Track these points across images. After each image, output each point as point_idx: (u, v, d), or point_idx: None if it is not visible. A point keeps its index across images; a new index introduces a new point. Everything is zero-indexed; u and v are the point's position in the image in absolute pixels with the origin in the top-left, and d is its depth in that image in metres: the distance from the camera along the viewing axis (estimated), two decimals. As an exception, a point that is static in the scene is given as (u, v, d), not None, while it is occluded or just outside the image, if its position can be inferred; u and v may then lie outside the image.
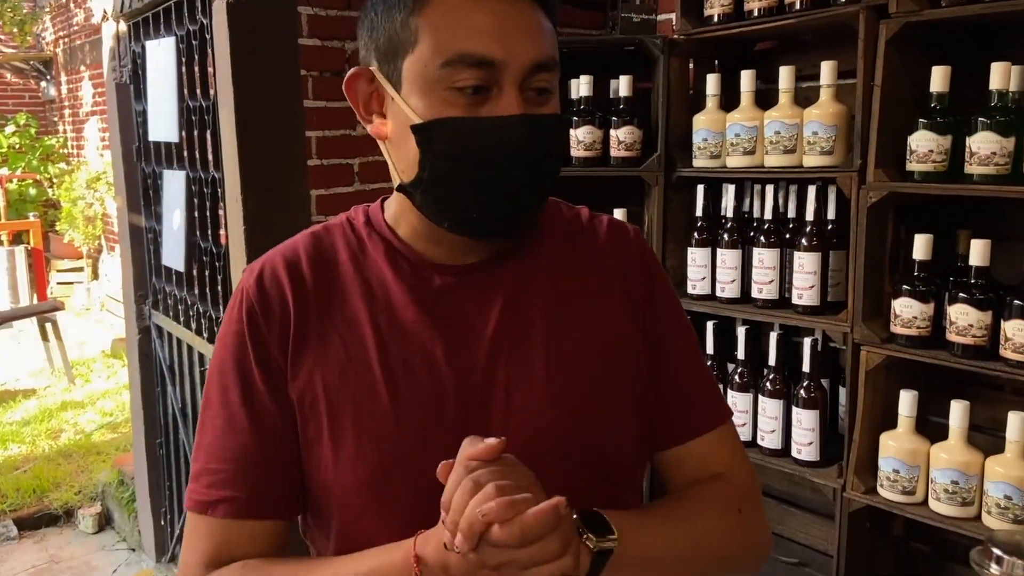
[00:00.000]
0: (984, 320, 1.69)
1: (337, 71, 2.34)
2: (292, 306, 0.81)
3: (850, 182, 1.88)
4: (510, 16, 0.74)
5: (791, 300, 2.06)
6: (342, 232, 0.86)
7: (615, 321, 0.87)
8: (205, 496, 0.80)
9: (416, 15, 0.75)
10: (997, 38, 1.81)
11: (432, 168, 0.76)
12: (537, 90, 0.77)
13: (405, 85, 0.77)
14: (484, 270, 0.85)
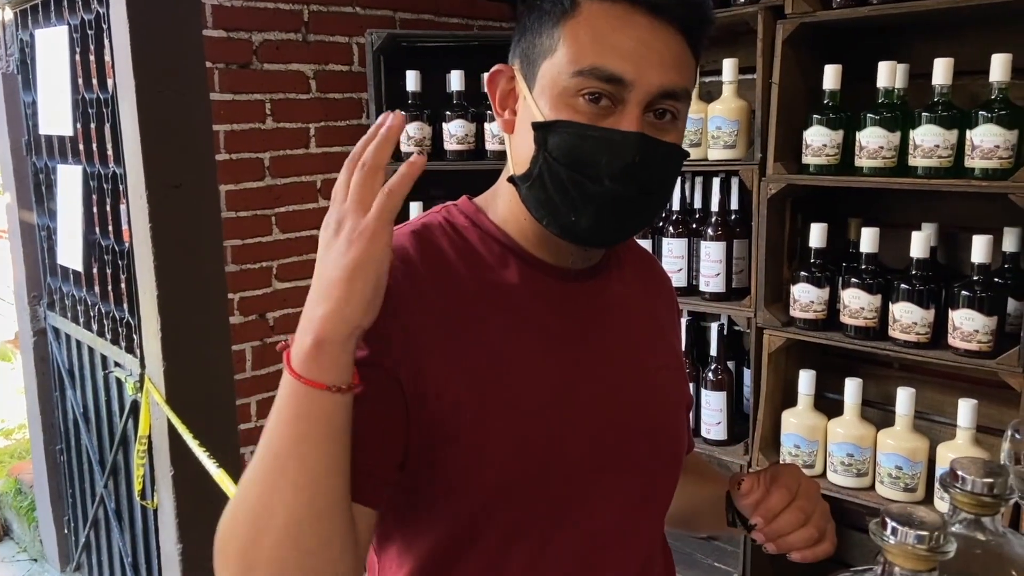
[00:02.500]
0: (874, 303, 1.82)
1: (244, 63, 2.28)
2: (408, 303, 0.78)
3: (751, 175, 1.98)
4: (648, 41, 0.77)
5: (699, 287, 2.15)
6: (445, 231, 0.85)
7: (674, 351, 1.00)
8: None
9: (562, 25, 0.78)
10: (885, 38, 1.94)
11: (543, 165, 0.79)
12: (660, 112, 0.79)
13: (538, 86, 0.80)
14: (594, 277, 0.89)
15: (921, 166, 1.72)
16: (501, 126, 0.85)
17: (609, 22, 0.76)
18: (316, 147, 2.46)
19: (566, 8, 0.77)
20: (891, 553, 0.57)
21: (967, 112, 1.67)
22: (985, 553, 0.66)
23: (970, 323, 1.67)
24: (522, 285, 0.84)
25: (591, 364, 0.85)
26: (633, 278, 0.95)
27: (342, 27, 2.45)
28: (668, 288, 1.04)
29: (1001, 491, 0.65)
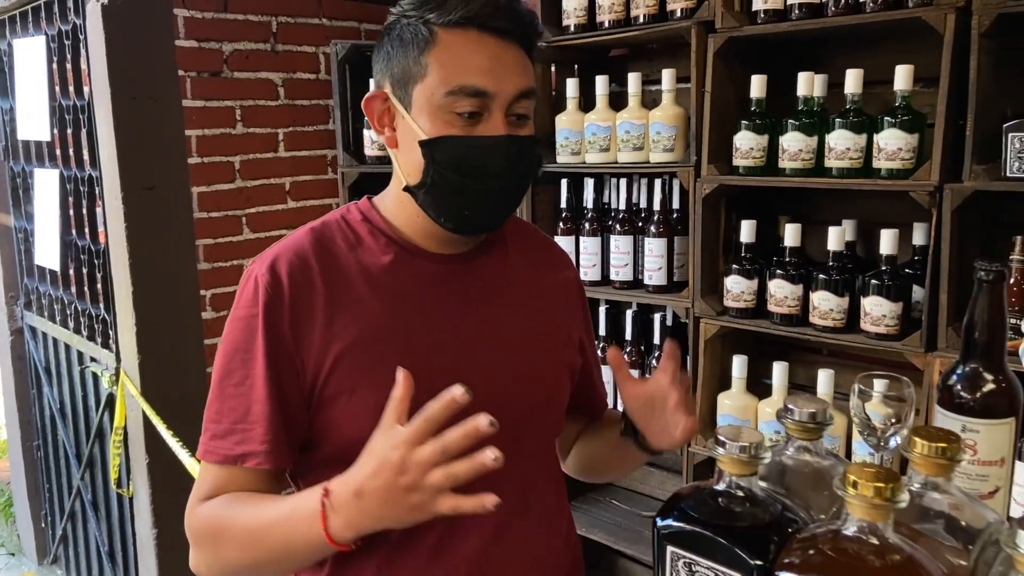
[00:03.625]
0: (797, 292, 1.98)
1: (215, 71, 2.41)
2: (302, 292, 0.95)
3: (688, 176, 2.14)
4: (499, 57, 0.93)
5: (644, 281, 2.31)
6: (339, 228, 1.02)
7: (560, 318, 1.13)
8: (236, 450, 0.94)
9: (427, 53, 0.92)
10: (806, 51, 2.11)
11: (434, 175, 0.94)
12: (518, 115, 0.95)
13: (415, 107, 0.94)
14: (467, 261, 1.04)
15: (835, 167, 1.89)
16: (384, 142, 1.00)
17: (466, 46, 0.91)
18: (285, 151, 2.60)
19: (427, 39, 0.92)
20: (722, 462, 0.73)
21: (875, 118, 1.85)
22: (813, 472, 0.82)
23: (879, 309, 1.84)
24: (402, 270, 0.99)
25: (466, 330, 1.00)
26: (517, 258, 1.10)
27: (309, 38, 2.59)
28: (564, 270, 1.18)
29: (822, 419, 0.80)
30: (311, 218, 2.71)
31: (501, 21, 0.93)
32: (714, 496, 0.76)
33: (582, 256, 2.42)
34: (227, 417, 0.96)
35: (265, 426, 0.94)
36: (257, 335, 0.94)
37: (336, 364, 0.94)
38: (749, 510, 0.74)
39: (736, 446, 0.72)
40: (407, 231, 1.01)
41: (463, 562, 0.99)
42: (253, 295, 0.96)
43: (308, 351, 0.94)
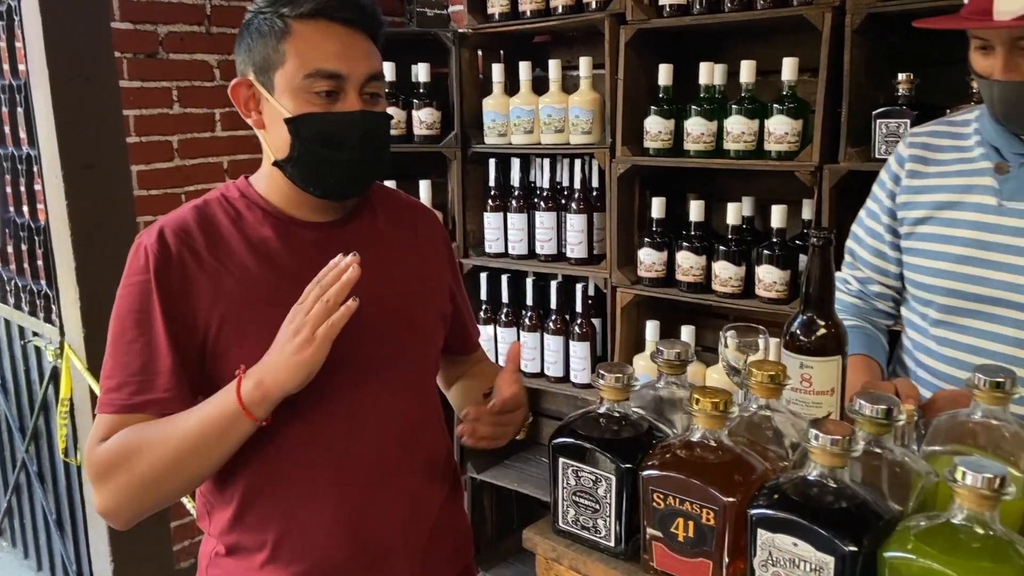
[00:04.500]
0: (701, 263, 2.20)
1: (151, 53, 2.48)
2: (188, 258, 1.08)
3: (604, 156, 2.33)
4: (349, 43, 1.07)
5: (567, 254, 2.50)
6: (219, 204, 1.14)
7: (430, 270, 1.27)
8: (134, 400, 1.05)
9: (284, 42, 1.05)
10: (709, 42, 2.32)
11: (300, 148, 1.07)
12: (370, 95, 1.09)
13: (277, 91, 1.07)
14: (339, 226, 1.17)
15: (733, 149, 2.10)
16: (252, 124, 1.14)
17: (318, 35, 1.05)
18: (222, 131, 2.69)
19: (283, 30, 1.05)
20: (602, 391, 0.91)
21: (766, 105, 2.06)
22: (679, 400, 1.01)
23: (770, 276, 2.07)
24: (280, 239, 1.12)
25: None
26: (386, 220, 1.23)
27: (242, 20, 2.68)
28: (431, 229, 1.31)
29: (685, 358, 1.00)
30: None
31: (347, 12, 1.07)
32: (596, 418, 0.94)
33: (510, 231, 2.59)
34: (122, 371, 1.06)
35: (168, 376, 1.05)
36: (151, 296, 1.05)
37: (223, 322, 1.07)
38: (624, 427, 0.92)
39: (612, 377, 0.91)
40: (281, 204, 1.14)
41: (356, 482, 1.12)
42: (144, 262, 1.07)
43: (198, 309, 1.07)
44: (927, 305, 1.30)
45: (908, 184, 1.31)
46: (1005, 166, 1.19)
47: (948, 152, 1.28)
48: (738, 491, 0.81)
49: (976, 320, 1.22)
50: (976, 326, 1.23)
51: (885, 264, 1.38)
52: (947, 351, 1.27)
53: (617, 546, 0.92)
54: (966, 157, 1.25)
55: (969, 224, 1.22)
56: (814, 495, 0.76)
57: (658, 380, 1.04)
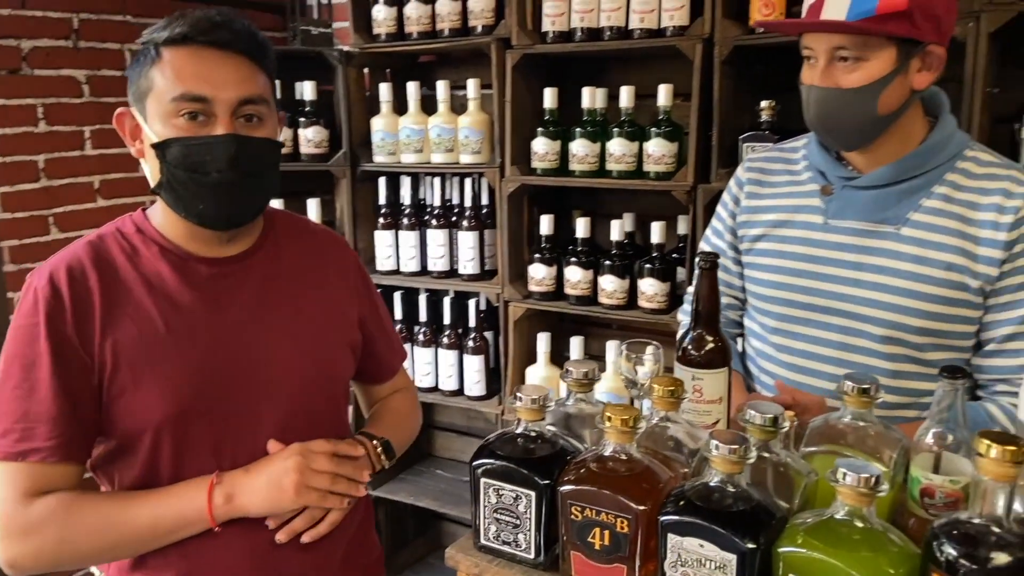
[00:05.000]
0: (588, 277, 2.31)
1: (13, 69, 2.34)
2: (81, 299, 1.05)
3: (494, 176, 2.40)
4: (219, 68, 1.04)
5: (458, 271, 2.55)
6: (114, 239, 1.11)
7: (336, 301, 1.25)
8: (17, 448, 1.02)
9: (155, 68, 1.04)
10: (592, 67, 2.43)
11: (168, 173, 1.05)
12: (247, 117, 1.07)
13: (149, 117, 1.06)
14: (239, 261, 1.15)
15: (615, 169, 2.22)
16: (135, 153, 1.12)
17: (188, 59, 1.04)
18: (92, 149, 2.56)
19: (153, 57, 1.05)
20: (519, 412, 0.97)
21: (645, 128, 2.20)
22: (587, 416, 1.09)
23: (652, 288, 2.20)
24: (177, 276, 1.11)
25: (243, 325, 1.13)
26: (291, 252, 1.22)
27: (113, 34, 2.56)
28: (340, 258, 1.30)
29: (592, 376, 1.07)
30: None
31: (218, 35, 1.04)
32: (514, 438, 1.00)
33: (401, 249, 2.61)
34: (6, 418, 1.03)
35: (50, 425, 1.02)
36: (39, 341, 1.03)
37: (118, 363, 1.05)
38: (540, 446, 0.98)
39: (528, 398, 0.97)
40: (177, 238, 1.12)
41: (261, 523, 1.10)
42: (33, 305, 1.05)
43: (92, 351, 1.05)
44: (765, 315, 1.43)
45: (747, 205, 1.45)
46: (829, 188, 1.34)
47: (781, 175, 1.43)
48: (648, 499, 0.89)
49: (808, 327, 1.36)
50: (808, 333, 1.37)
51: (729, 278, 1.51)
52: (784, 356, 1.40)
53: (537, 558, 0.97)
54: (796, 180, 1.40)
55: (799, 240, 1.36)
56: (716, 500, 0.85)
57: (567, 398, 1.11)
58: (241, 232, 1.15)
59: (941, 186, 1.26)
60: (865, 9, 1.14)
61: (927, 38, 1.18)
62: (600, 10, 2.20)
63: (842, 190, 1.33)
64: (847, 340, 1.33)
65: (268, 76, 1.11)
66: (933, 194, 1.26)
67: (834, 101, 1.22)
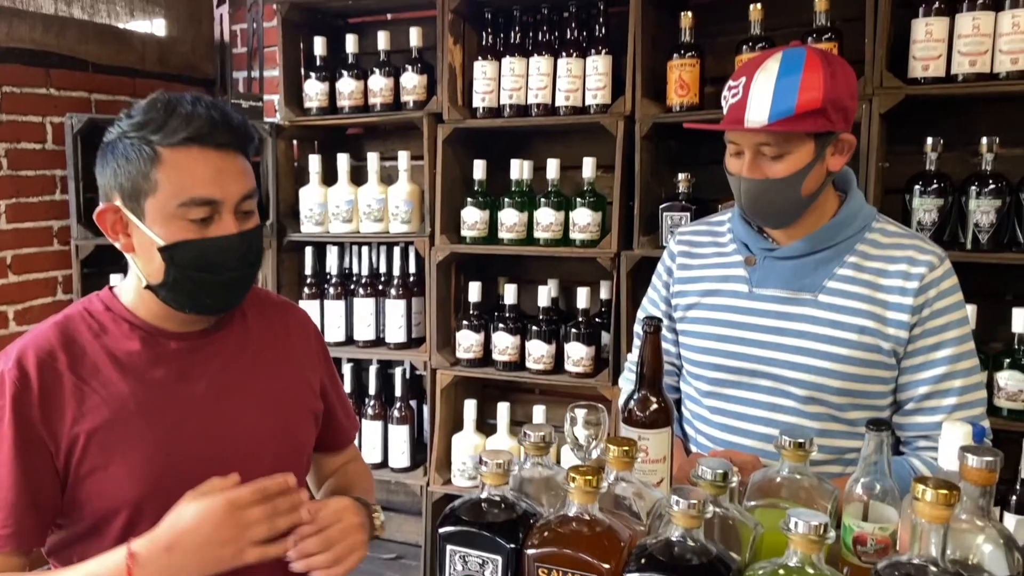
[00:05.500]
0: (516, 342, 2.36)
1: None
2: (50, 381, 1.02)
3: (424, 244, 2.44)
4: (222, 167, 1.05)
5: (385, 339, 2.55)
6: (82, 319, 1.10)
7: (301, 371, 1.26)
8: None
9: (155, 169, 1.03)
10: (518, 140, 2.54)
11: (176, 274, 1.06)
12: (244, 212, 1.09)
13: (148, 217, 1.04)
14: (208, 335, 1.15)
15: (542, 238, 2.31)
16: (121, 248, 1.10)
17: (191, 163, 1.03)
18: (6, 223, 2.46)
19: (152, 157, 1.02)
20: (484, 477, 1.00)
21: (570, 199, 2.30)
22: (545, 479, 1.12)
23: (577, 352, 2.27)
24: (147, 352, 1.10)
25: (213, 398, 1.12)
26: (256, 324, 1.22)
27: (35, 107, 2.50)
28: (302, 328, 1.30)
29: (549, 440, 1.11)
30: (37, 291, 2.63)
31: (220, 136, 1.05)
32: (477, 504, 1.01)
33: (327, 318, 2.60)
34: None
35: (8, 511, 1.01)
36: (3, 425, 1.01)
37: (88, 443, 1.04)
38: (503, 510, 1.00)
39: (493, 463, 0.99)
40: (148, 317, 1.12)
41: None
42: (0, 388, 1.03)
43: (60, 434, 1.03)
44: (698, 379, 1.51)
45: (679, 275, 1.54)
46: (753, 259, 1.45)
47: (708, 247, 1.53)
48: (612, 558, 0.92)
49: (738, 390, 1.45)
50: (739, 395, 1.45)
51: (665, 345, 1.59)
52: (718, 418, 1.48)
53: (504, 622, 0.98)
54: (722, 252, 1.51)
55: (727, 308, 1.45)
56: (677, 554, 0.89)
57: (524, 461, 1.14)
58: None
59: (852, 256, 1.38)
60: (785, 109, 1.25)
61: (839, 128, 1.30)
62: (528, 88, 2.32)
63: (764, 261, 1.43)
64: (774, 401, 1.41)
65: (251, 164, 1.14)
66: (845, 263, 1.38)
67: (763, 190, 1.33)
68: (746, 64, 1.33)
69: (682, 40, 2.15)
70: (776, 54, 1.30)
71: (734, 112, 1.31)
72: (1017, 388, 1.86)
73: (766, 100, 1.27)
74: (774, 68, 1.28)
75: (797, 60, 1.27)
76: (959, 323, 1.34)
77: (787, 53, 1.29)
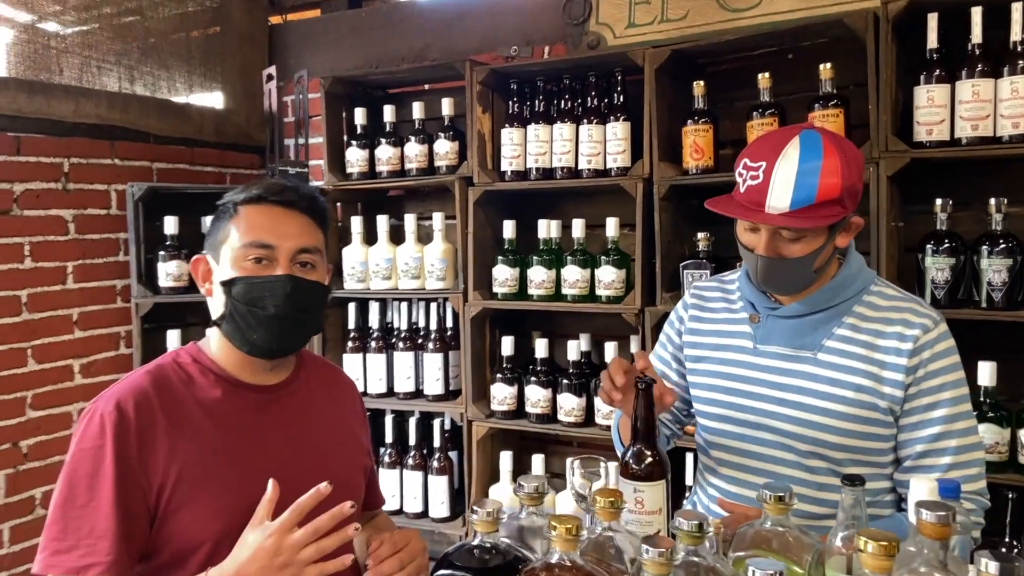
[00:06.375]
0: (547, 395, 2.44)
1: (4, 210, 2.48)
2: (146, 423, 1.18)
3: (458, 300, 2.56)
4: (283, 221, 1.26)
5: (424, 391, 2.66)
6: (172, 369, 1.26)
7: (353, 430, 1.43)
8: (82, 562, 1.12)
9: (230, 222, 1.26)
10: (546, 200, 2.65)
11: (231, 306, 1.23)
12: (302, 264, 1.26)
13: (221, 260, 1.26)
14: (279, 389, 1.31)
15: (569, 294, 2.40)
16: (204, 293, 1.32)
17: (259, 214, 1.27)
18: (73, 283, 2.68)
19: (231, 213, 1.27)
20: (476, 525, 1.08)
21: (595, 256, 2.39)
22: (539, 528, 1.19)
23: (607, 407, 2.33)
24: (230, 400, 1.27)
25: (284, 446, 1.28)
26: (318, 388, 1.39)
27: (102, 176, 2.74)
28: (351, 392, 1.49)
29: (543, 490, 1.19)
30: (101, 346, 2.80)
31: (284, 196, 1.28)
32: (471, 550, 1.09)
33: (369, 371, 2.72)
34: (72, 535, 1.14)
35: (111, 540, 1.13)
36: (104, 463, 1.15)
37: (179, 481, 1.17)
38: (495, 556, 1.08)
39: (484, 512, 1.08)
40: (228, 367, 1.29)
41: None
42: (100, 429, 1.17)
43: (154, 472, 1.17)
44: (706, 431, 1.56)
45: (690, 327, 1.61)
46: (757, 317, 1.51)
47: (719, 302, 1.60)
48: (590, 602, 0.99)
49: (743, 443, 1.50)
50: (743, 448, 1.50)
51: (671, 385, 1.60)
52: (723, 470, 1.53)
53: (494, 663, 1.06)
54: (732, 308, 1.57)
55: (733, 363, 1.51)
56: (648, 600, 0.95)
57: (520, 511, 1.22)
58: (282, 362, 1.32)
59: (850, 317, 1.43)
60: (805, 197, 1.31)
61: (850, 213, 1.37)
62: (552, 153, 2.44)
63: (767, 319, 1.49)
64: (777, 455, 1.46)
65: (323, 232, 1.32)
66: (843, 323, 1.43)
67: (778, 267, 1.39)
68: (765, 146, 1.36)
69: (696, 107, 2.24)
70: (794, 140, 1.33)
71: (754, 195, 1.34)
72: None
73: (788, 188, 1.31)
74: (794, 156, 1.32)
75: (816, 148, 1.31)
76: (954, 384, 1.38)
77: (805, 140, 1.33)
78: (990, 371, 1.88)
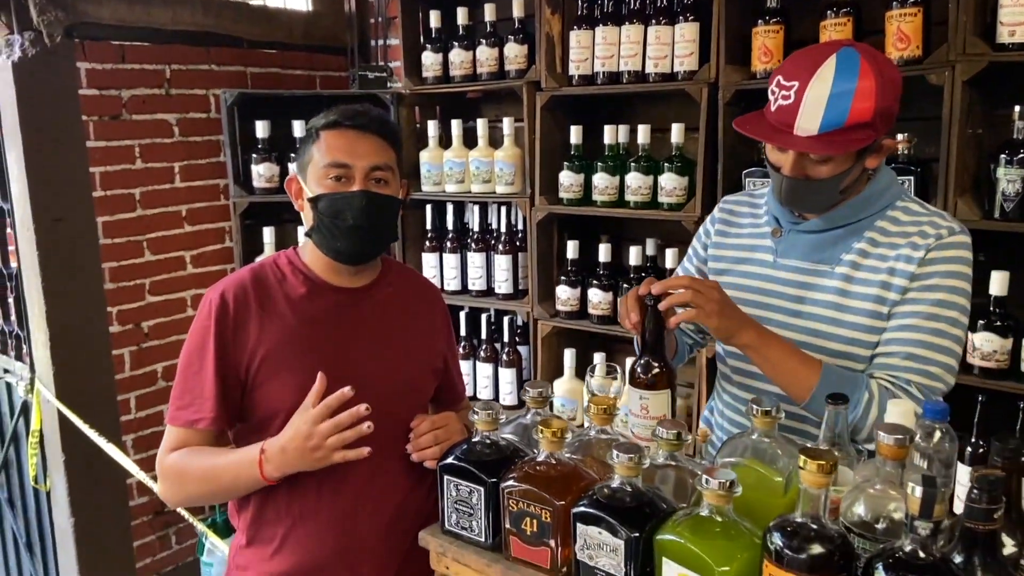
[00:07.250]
0: (608, 299, 2.51)
1: (115, 115, 2.73)
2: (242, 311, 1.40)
3: (525, 205, 2.64)
4: (357, 142, 1.40)
5: (495, 290, 2.80)
6: (271, 268, 1.46)
7: (428, 334, 1.58)
8: (192, 416, 1.38)
9: (313, 146, 1.41)
10: (612, 105, 2.64)
11: (317, 219, 1.40)
12: (377, 180, 1.40)
13: (308, 180, 1.42)
14: (361, 293, 1.48)
15: (632, 200, 2.43)
16: (297, 208, 1.47)
17: (336, 137, 1.40)
18: (180, 182, 2.94)
19: (314, 138, 1.42)
20: (477, 423, 1.21)
21: (658, 163, 2.39)
22: (541, 428, 1.31)
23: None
24: (314, 298, 1.44)
25: (359, 343, 1.45)
26: (399, 294, 1.53)
27: (200, 82, 2.94)
28: (432, 299, 1.63)
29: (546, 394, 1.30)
30: (208, 239, 3.07)
31: (357, 120, 1.41)
32: (473, 445, 1.23)
33: (444, 269, 2.88)
34: (187, 395, 1.40)
35: (213, 400, 1.37)
36: (209, 340, 1.38)
37: (264, 359, 1.38)
38: (493, 451, 1.22)
39: (484, 412, 1.21)
40: (317, 270, 1.47)
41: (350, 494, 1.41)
42: (208, 312, 1.40)
43: (244, 350, 1.39)
44: None
45: (716, 241, 1.63)
46: (779, 231, 1.51)
47: (746, 217, 1.60)
48: (567, 495, 1.10)
49: None
50: None
51: None
52: (738, 378, 1.57)
53: (487, 541, 1.20)
54: (757, 223, 1.57)
55: (754, 275, 1.53)
56: (616, 497, 1.05)
57: (526, 413, 1.34)
58: (365, 269, 1.48)
59: (871, 231, 1.42)
60: (836, 120, 1.28)
61: (882, 135, 1.33)
62: (619, 56, 2.41)
63: (788, 233, 1.50)
64: None
65: (395, 151, 1.45)
66: (863, 238, 1.42)
67: (803, 188, 1.39)
68: (800, 64, 1.33)
69: (767, 6, 2.15)
70: (831, 59, 1.30)
71: (783, 115, 1.33)
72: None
73: (818, 111, 1.29)
74: (829, 77, 1.29)
75: (852, 69, 1.28)
76: (948, 290, 1.36)
77: (841, 60, 1.29)
78: (1000, 280, 1.85)
